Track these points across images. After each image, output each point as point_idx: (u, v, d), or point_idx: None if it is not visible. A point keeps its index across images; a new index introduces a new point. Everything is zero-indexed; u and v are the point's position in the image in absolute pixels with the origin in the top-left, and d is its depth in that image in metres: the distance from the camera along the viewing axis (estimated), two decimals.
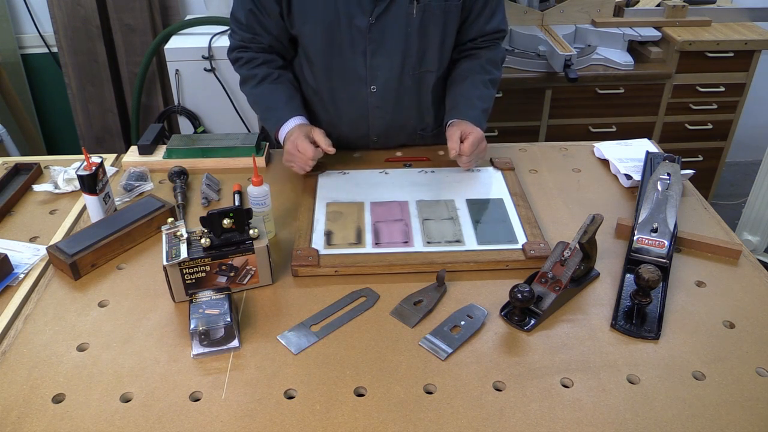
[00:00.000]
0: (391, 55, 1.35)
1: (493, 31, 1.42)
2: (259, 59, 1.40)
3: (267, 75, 1.40)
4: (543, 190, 1.36)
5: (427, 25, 1.33)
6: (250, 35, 1.38)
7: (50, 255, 1.13)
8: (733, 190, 3.10)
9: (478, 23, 1.40)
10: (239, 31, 1.39)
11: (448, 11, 1.33)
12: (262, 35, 1.37)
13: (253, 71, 1.41)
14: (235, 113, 2.50)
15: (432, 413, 0.85)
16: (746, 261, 1.15)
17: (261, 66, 1.40)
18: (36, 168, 1.43)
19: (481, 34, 1.42)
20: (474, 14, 1.38)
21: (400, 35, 1.32)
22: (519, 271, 1.11)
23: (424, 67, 1.40)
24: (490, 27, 1.42)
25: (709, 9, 2.58)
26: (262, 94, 1.41)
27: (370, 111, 1.43)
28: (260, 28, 1.36)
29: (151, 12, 2.59)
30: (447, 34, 1.37)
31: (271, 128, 1.42)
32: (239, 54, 1.42)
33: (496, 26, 1.42)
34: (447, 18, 1.34)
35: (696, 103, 2.52)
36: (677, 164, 1.24)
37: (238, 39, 1.41)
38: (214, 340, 0.95)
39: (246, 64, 1.42)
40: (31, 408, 0.86)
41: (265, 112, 1.43)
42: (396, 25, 1.31)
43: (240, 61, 1.43)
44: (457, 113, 1.38)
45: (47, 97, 2.85)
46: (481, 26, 1.41)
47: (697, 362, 0.94)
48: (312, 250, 1.13)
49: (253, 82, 1.41)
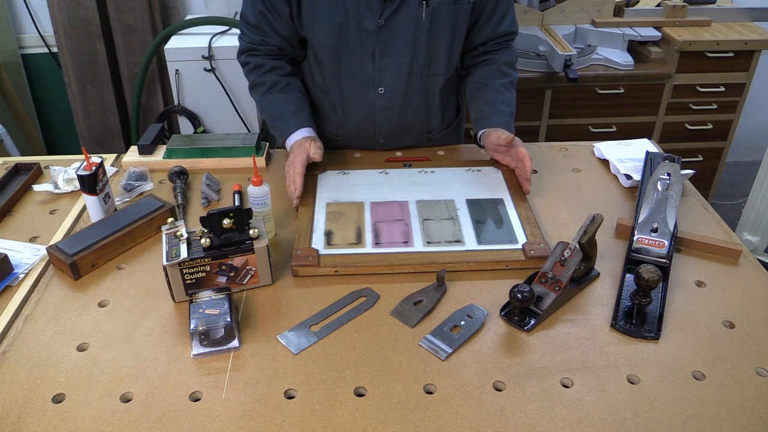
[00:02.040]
0: (399, 58, 1.35)
1: (504, 33, 1.43)
2: (267, 65, 1.40)
3: (275, 83, 1.40)
4: (543, 190, 1.36)
5: (436, 27, 1.33)
6: (260, 37, 1.37)
7: (50, 255, 1.13)
8: (733, 190, 3.10)
9: (489, 26, 1.40)
10: (248, 33, 1.39)
11: (457, 14, 1.33)
12: (272, 36, 1.37)
13: (261, 78, 1.40)
14: (235, 113, 2.50)
15: (432, 413, 0.85)
16: (746, 261, 1.15)
17: (269, 73, 1.40)
18: (36, 168, 1.43)
19: (492, 37, 1.42)
20: (484, 17, 1.38)
21: (409, 37, 1.32)
22: (519, 271, 1.11)
23: (432, 69, 1.40)
24: (502, 29, 1.41)
25: (709, 9, 2.58)
26: (271, 103, 1.41)
27: (378, 113, 1.43)
28: (270, 29, 1.35)
29: (151, 12, 2.59)
30: (456, 37, 1.37)
31: (278, 137, 1.42)
32: (248, 58, 1.42)
33: (507, 28, 1.42)
34: (456, 21, 1.34)
35: (696, 103, 2.52)
36: (677, 164, 1.24)
37: (247, 41, 1.40)
38: (214, 340, 0.95)
39: (255, 69, 1.41)
40: (31, 408, 0.86)
41: (273, 121, 1.42)
42: (405, 28, 1.31)
43: (248, 66, 1.42)
44: (487, 122, 1.39)
45: (47, 97, 2.85)
46: (492, 29, 1.41)
47: (697, 362, 0.94)
48: (312, 250, 1.13)
49: (261, 89, 1.41)
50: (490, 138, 1.36)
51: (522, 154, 1.30)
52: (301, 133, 1.37)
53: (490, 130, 1.37)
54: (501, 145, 1.32)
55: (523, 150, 1.30)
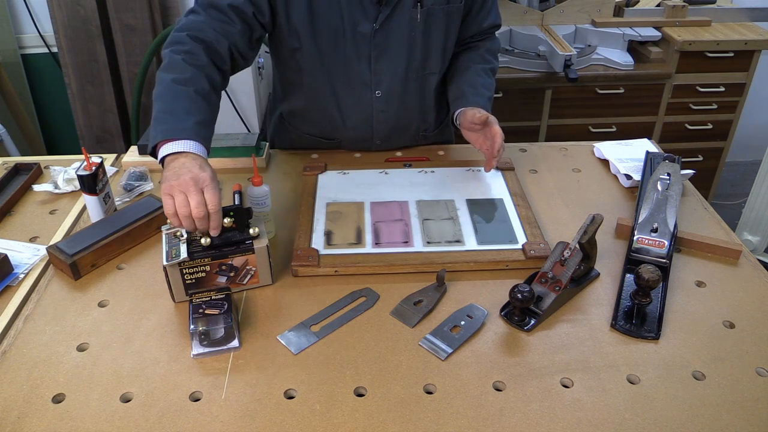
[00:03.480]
0: (395, 60, 1.35)
1: (489, 26, 1.45)
2: (203, 60, 1.14)
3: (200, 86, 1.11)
4: (543, 190, 1.36)
5: (430, 28, 1.33)
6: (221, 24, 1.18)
7: (50, 255, 1.13)
8: (733, 190, 3.10)
9: (477, 21, 1.42)
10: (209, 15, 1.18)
11: (450, 13, 1.33)
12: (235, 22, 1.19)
13: (186, 67, 1.11)
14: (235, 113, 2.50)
15: (432, 413, 0.85)
16: (746, 261, 1.15)
17: (199, 68, 1.12)
18: (36, 168, 1.43)
19: (478, 31, 1.44)
20: (473, 13, 1.40)
21: (404, 40, 1.33)
22: (519, 271, 1.11)
23: (427, 69, 1.40)
24: (487, 23, 1.44)
25: (709, 9, 2.58)
26: (179, 93, 1.08)
27: (375, 115, 1.43)
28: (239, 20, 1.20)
29: (151, 12, 2.59)
30: (449, 35, 1.38)
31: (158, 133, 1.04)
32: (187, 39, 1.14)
33: (492, 22, 1.44)
34: (450, 20, 1.34)
35: (696, 103, 2.52)
36: (677, 164, 1.24)
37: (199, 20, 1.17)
38: (214, 340, 0.95)
39: (186, 53, 1.13)
40: (31, 408, 0.86)
41: (166, 113, 1.06)
42: (400, 30, 1.31)
43: (178, 46, 1.14)
44: (465, 101, 1.38)
45: (47, 97, 2.85)
46: (479, 24, 1.43)
47: (697, 362, 0.94)
48: (312, 250, 1.13)
49: (178, 75, 1.10)
50: (466, 115, 1.35)
51: (494, 132, 1.30)
52: (197, 149, 1.03)
53: (467, 108, 1.37)
54: (476, 123, 1.31)
55: (497, 128, 1.30)
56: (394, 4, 1.28)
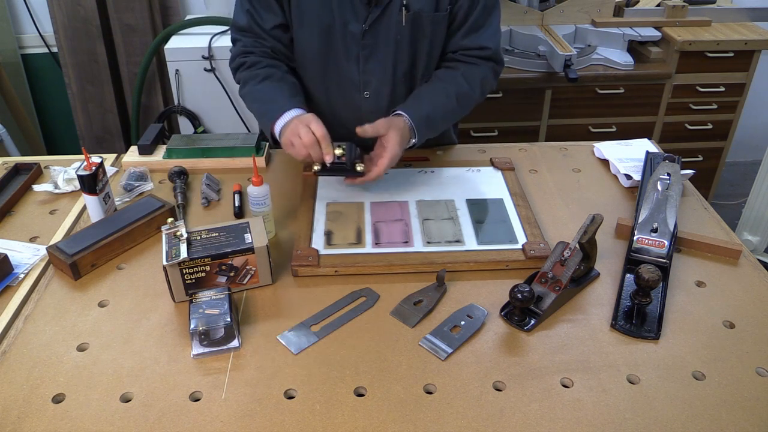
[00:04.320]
0: (383, 62, 1.35)
1: (475, 47, 1.36)
2: (263, 63, 1.34)
3: (270, 75, 1.33)
4: (543, 190, 1.36)
5: (416, 33, 1.32)
6: (252, 39, 1.35)
7: (50, 255, 1.13)
8: (733, 190, 3.10)
9: (457, 36, 1.36)
10: (241, 38, 1.36)
11: (436, 21, 1.32)
12: (265, 38, 1.35)
13: (254, 72, 1.34)
14: (235, 113, 2.50)
15: (432, 413, 0.85)
16: (746, 261, 1.15)
17: (265, 68, 1.34)
18: (36, 168, 1.43)
19: (459, 47, 1.37)
20: (454, 27, 1.35)
21: (391, 42, 1.32)
22: (519, 271, 1.11)
23: (415, 74, 1.39)
24: (470, 42, 1.36)
25: (709, 9, 2.58)
26: (263, 90, 1.31)
27: (365, 116, 1.42)
28: (261, 30, 1.34)
29: (151, 12, 2.59)
30: (434, 44, 1.36)
31: (267, 122, 1.28)
32: (243, 59, 1.36)
33: (478, 42, 1.35)
34: (435, 28, 1.33)
35: (696, 103, 2.53)
36: (677, 164, 1.24)
37: (240, 45, 1.37)
38: (214, 340, 0.95)
39: (249, 67, 1.35)
40: (31, 408, 0.86)
41: (263, 106, 1.30)
42: (387, 32, 1.31)
43: (243, 66, 1.36)
44: (403, 107, 1.32)
45: (47, 97, 2.85)
46: (459, 40, 1.36)
47: (697, 362, 0.94)
48: (312, 250, 1.13)
49: (254, 81, 1.33)
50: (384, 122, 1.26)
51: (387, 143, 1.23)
52: (296, 112, 1.25)
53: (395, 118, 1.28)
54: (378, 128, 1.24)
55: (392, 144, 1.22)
56: (384, 6, 1.28)
